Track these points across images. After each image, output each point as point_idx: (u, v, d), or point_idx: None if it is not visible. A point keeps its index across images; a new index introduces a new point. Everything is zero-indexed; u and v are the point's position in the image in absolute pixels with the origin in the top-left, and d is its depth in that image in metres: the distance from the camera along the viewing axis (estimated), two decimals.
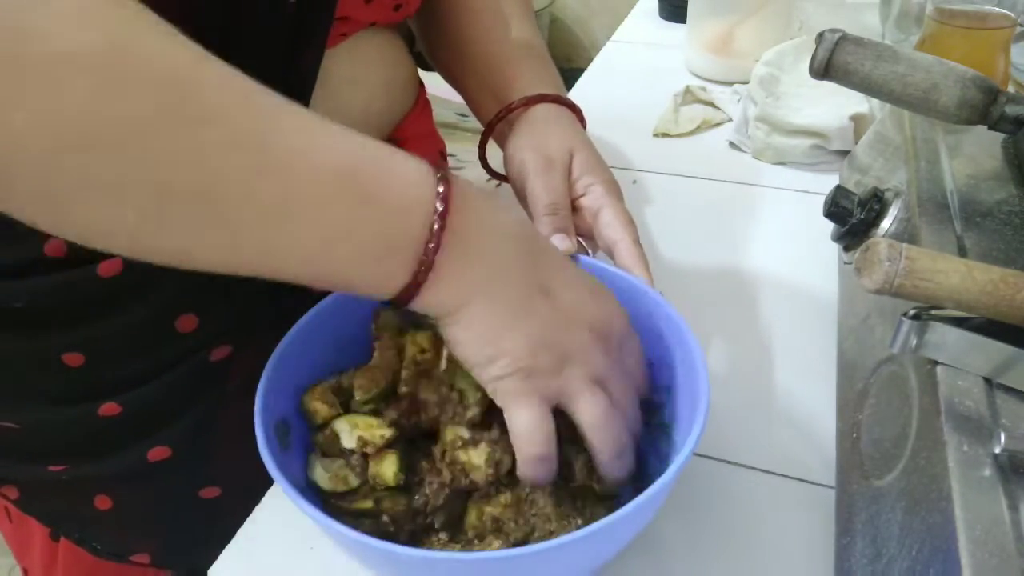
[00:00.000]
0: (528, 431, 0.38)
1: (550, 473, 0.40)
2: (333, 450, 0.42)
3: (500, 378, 0.38)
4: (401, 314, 0.45)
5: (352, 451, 0.42)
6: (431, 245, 0.35)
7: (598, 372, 0.40)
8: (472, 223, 0.37)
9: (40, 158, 0.28)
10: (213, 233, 0.33)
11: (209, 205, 0.32)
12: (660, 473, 0.37)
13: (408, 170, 0.36)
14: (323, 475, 0.42)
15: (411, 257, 0.35)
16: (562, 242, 0.50)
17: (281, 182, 0.32)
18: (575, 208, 0.53)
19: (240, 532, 0.48)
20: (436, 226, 0.35)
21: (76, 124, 0.28)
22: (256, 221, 0.33)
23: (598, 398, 0.39)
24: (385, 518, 0.41)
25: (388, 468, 0.41)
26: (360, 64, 0.55)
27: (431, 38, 0.66)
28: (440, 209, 0.35)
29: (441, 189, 0.36)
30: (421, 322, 0.45)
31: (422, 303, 0.37)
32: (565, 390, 0.39)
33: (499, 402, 0.39)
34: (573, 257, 0.49)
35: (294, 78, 0.48)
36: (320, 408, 0.43)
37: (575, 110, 0.59)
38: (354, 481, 0.42)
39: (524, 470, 0.39)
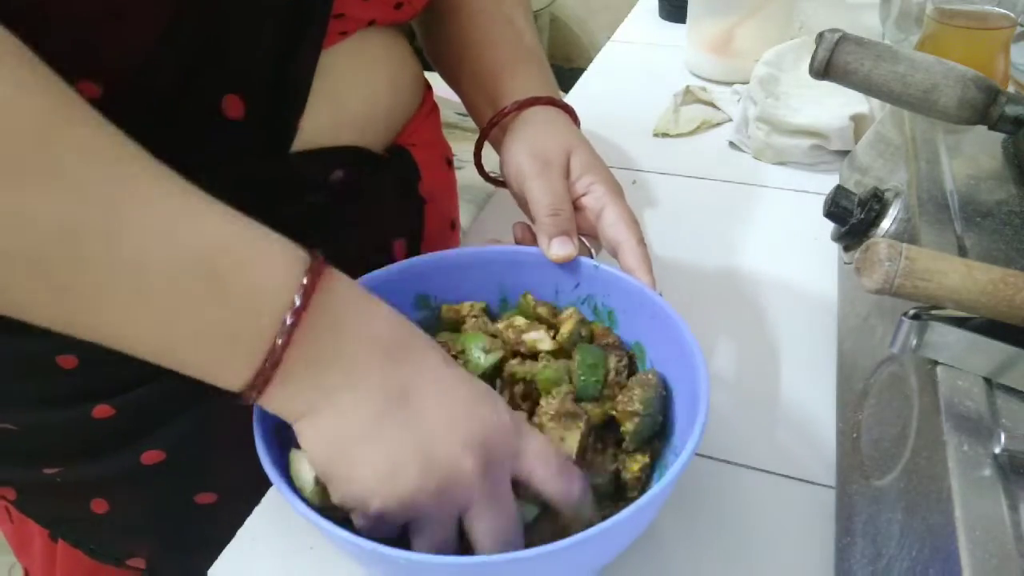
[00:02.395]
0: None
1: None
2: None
3: (361, 503, 0.36)
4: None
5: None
6: (279, 341, 0.33)
7: (472, 502, 0.37)
8: (333, 322, 0.35)
9: None
10: (48, 301, 0.32)
11: (41, 273, 0.30)
12: (661, 475, 0.36)
13: (273, 259, 0.34)
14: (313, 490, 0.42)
15: (257, 351, 0.34)
16: (563, 246, 0.49)
17: (122, 260, 0.31)
18: (577, 208, 0.53)
19: (240, 532, 0.48)
20: (289, 321, 0.33)
21: None
22: (96, 297, 0.32)
23: (443, 531, 0.37)
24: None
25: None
26: (362, 64, 0.54)
27: (431, 39, 0.66)
28: (297, 304, 0.34)
29: (305, 281, 0.34)
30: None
31: (270, 403, 0.35)
32: (430, 520, 0.37)
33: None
34: (575, 261, 0.49)
35: (290, 75, 0.48)
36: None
37: (568, 111, 0.58)
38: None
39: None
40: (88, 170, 0.31)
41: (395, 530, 0.37)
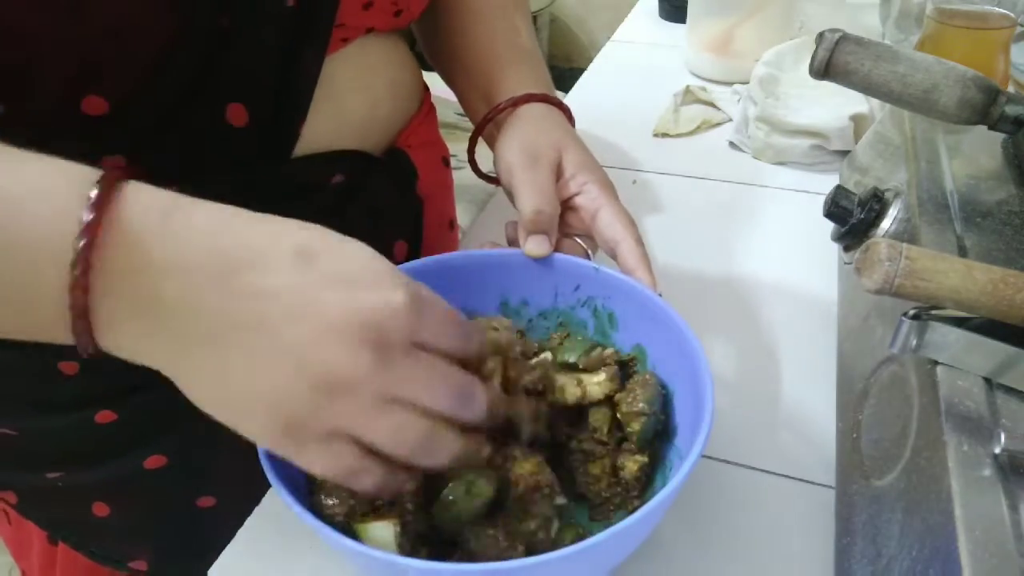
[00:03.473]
0: (328, 477, 0.34)
1: (383, 477, 0.35)
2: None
3: (258, 437, 0.33)
4: None
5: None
6: (77, 288, 0.30)
7: (384, 388, 0.32)
8: (137, 256, 0.31)
9: None
10: None
11: None
12: (667, 476, 0.36)
13: (53, 203, 0.30)
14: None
15: (59, 302, 0.30)
16: (539, 245, 0.49)
17: None
18: (571, 208, 0.52)
19: (240, 531, 0.48)
20: (77, 270, 0.30)
21: None
22: None
23: (387, 421, 0.33)
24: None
25: (384, 532, 0.39)
26: (363, 69, 0.54)
27: (429, 39, 0.66)
28: (81, 246, 0.30)
29: (87, 218, 0.30)
30: None
31: (118, 351, 0.32)
32: (343, 427, 0.32)
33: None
34: (575, 264, 0.49)
35: (293, 83, 0.48)
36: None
37: (563, 109, 0.58)
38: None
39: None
40: None
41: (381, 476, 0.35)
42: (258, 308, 0.31)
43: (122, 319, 0.31)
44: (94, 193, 0.30)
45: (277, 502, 0.49)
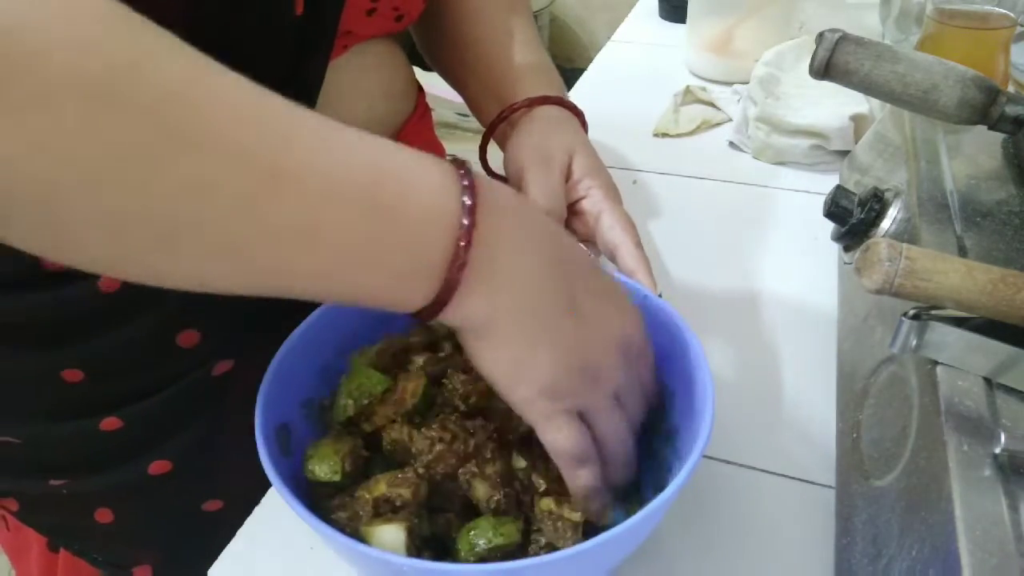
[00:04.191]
0: (566, 451, 0.38)
1: (597, 477, 0.40)
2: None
3: (528, 400, 0.37)
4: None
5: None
6: (457, 263, 0.33)
7: (619, 388, 0.40)
8: (500, 236, 0.35)
9: (38, 188, 0.27)
10: (225, 259, 0.31)
11: (218, 232, 0.30)
12: (663, 477, 0.36)
13: (431, 181, 0.34)
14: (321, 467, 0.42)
15: (436, 275, 0.33)
16: None
17: (293, 203, 0.31)
18: (576, 211, 0.53)
19: (240, 532, 0.48)
20: (462, 242, 0.33)
21: (73, 153, 0.26)
22: (268, 244, 0.31)
23: (615, 415, 0.40)
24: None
25: (394, 536, 0.39)
26: (360, 73, 0.55)
27: (431, 40, 0.66)
28: (466, 224, 0.33)
29: (467, 200, 0.33)
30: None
31: (445, 318, 0.35)
32: (589, 407, 0.39)
33: (528, 422, 0.38)
34: None
35: (299, 89, 0.48)
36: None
37: (577, 113, 0.59)
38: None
39: (573, 487, 0.40)
40: (241, 125, 0.30)
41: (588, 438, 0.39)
42: (575, 294, 0.38)
43: (474, 290, 0.35)
44: (465, 181, 0.34)
45: (277, 502, 0.49)
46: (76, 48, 0.26)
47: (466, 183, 0.34)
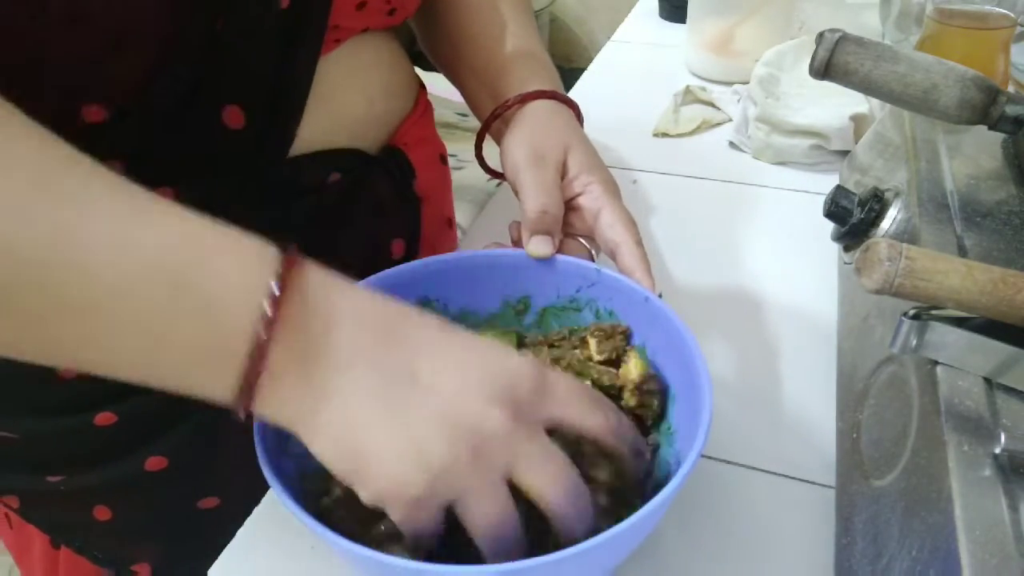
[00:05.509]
0: (487, 530, 0.35)
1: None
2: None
3: (380, 500, 0.34)
4: None
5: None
6: (261, 338, 0.32)
7: (515, 451, 0.34)
8: (314, 313, 0.33)
9: None
10: (28, 331, 0.31)
11: (10, 303, 0.30)
12: (663, 477, 0.36)
13: (239, 259, 0.33)
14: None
15: (239, 355, 0.32)
16: (542, 245, 0.49)
17: (82, 280, 0.30)
18: (573, 208, 0.52)
19: (240, 532, 0.48)
20: (269, 314, 0.32)
21: None
22: (64, 321, 0.31)
23: (495, 500, 0.34)
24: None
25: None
26: (357, 69, 0.54)
27: (431, 36, 0.66)
28: (275, 295, 0.32)
29: (273, 282, 0.32)
30: None
31: (265, 410, 0.33)
32: (469, 488, 0.34)
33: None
34: (576, 265, 0.49)
35: (288, 83, 0.48)
36: None
37: (573, 107, 0.58)
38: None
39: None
40: (30, 193, 0.30)
41: (440, 526, 0.35)
42: (412, 362, 0.34)
43: (288, 371, 0.33)
44: (277, 269, 0.33)
45: (277, 503, 0.49)
46: None
47: (281, 261, 0.33)
